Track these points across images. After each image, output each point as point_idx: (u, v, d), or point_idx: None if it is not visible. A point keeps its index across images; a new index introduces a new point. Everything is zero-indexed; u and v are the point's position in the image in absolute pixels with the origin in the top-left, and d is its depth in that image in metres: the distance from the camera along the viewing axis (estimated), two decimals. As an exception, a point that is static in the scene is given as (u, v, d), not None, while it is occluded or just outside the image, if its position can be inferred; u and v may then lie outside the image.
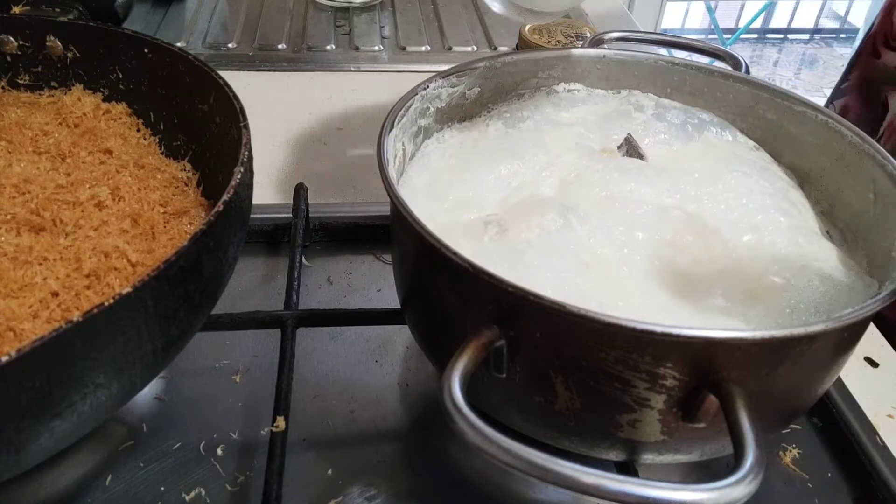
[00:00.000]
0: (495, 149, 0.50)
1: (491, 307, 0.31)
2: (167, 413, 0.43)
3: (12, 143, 0.44)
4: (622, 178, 0.45)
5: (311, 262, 0.55)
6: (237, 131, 0.38)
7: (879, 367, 0.49)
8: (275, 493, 0.36)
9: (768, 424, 0.35)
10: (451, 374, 0.28)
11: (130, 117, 0.49)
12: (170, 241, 0.39)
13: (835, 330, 0.29)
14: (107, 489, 0.39)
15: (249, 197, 0.39)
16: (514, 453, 0.26)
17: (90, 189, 0.40)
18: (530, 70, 0.51)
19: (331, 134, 0.72)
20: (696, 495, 0.24)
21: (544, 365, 0.32)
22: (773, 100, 0.46)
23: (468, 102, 0.49)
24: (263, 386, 0.44)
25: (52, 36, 0.48)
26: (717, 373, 0.29)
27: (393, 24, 0.96)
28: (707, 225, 0.42)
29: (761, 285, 0.39)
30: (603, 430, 0.33)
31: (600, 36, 0.58)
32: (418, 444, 0.43)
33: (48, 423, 0.28)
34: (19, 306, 0.32)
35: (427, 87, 0.45)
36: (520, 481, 0.41)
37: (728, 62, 0.53)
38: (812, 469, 0.42)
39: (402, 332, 0.49)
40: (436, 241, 0.31)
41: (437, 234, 0.32)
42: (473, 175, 0.48)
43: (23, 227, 0.37)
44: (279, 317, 0.45)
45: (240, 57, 0.86)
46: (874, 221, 0.40)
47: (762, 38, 3.34)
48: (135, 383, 0.32)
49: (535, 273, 0.37)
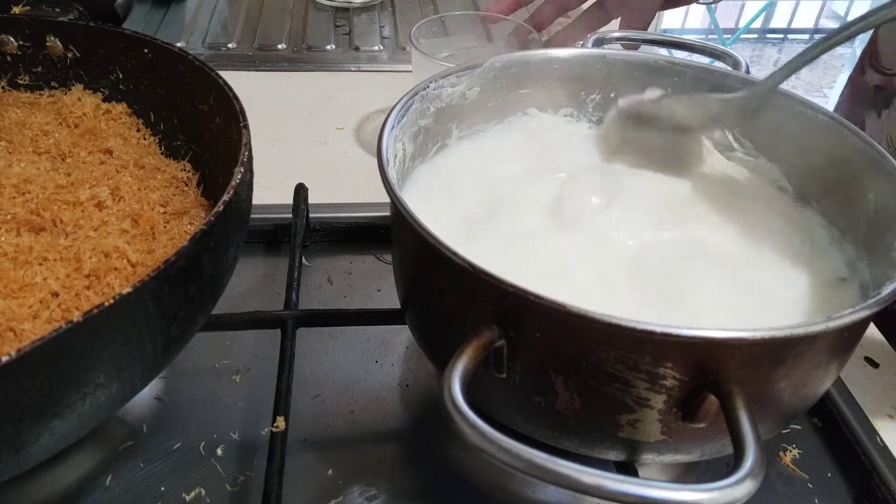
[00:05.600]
0: (497, 150, 0.51)
1: (491, 307, 0.31)
2: (167, 413, 0.43)
3: (12, 143, 0.44)
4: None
5: (311, 262, 0.55)
6: (237, 131, 0.38)
7: (879, 367, 0.49)
8: (275, 493, 0.36)
9: (768, 424, 0.35)
10: (451, 375, 0.28)
11: (130, 117, 0.49)
12: (170, 242, 0.39)
13: (835, 330, 0.29)
14: (107, 489, 0.39)
15: (249, 197, 0.39)
16: (514, 453, 0.26)
17: (90, 189, 0.40)
18: (530, 70, 0.51)
19: (331, 134, 0.72)
20: (696, 495, 0.24)
21: (544, 365, 0.32)
22: (774, 100, 0.46)
23: (468, 102, 0.49)
24: (263, 386, 0.44)
25: (52, 36, 0.48)
26: (717, 373, 0.29)
27: (393, 24, 0.96)
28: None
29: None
30: (603, 430, 0.33)
31: (600, 36, 0.58)
32: (418, 444, 0.43)
33: (48, 423, 0.28)
34: (19, 306, 0.32)
35: (427, 87, 0.45)
36: (520, 481, 0.41)
37: (728, 62, 0.53)
38: (812, 469, 0.42)
39: (402, 332, 0.49)
40: (436, 241, 0.31)
41: (437, 234, 0.32)
42: (474, 176, 0.48)
43: (23, 227, 0.37)
44: (279, 317, 0.45)
45: (240, 57, 0.86)
46: (874, 222, 0.40)
47: (762, 38, 3.34)
48: (135, 383, 0.32)
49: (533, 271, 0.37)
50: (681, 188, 0.48)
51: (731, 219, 0.45)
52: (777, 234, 0.44)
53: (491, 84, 0.49)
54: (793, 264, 0.42)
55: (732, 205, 0.46)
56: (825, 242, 0.43)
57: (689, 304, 0.38)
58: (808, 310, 0.39)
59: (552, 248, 0.42)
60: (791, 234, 0.44)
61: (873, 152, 0.40)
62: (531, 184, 0.47)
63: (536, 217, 0.44)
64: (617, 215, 0.44)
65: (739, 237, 0.44)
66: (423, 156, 0.48)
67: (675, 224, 0.44)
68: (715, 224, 0.45)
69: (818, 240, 0.44)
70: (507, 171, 0.48)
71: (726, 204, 0.46)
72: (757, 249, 0.43)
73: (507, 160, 0.50)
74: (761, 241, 0.43)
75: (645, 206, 0.45)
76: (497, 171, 0.48)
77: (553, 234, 0.43)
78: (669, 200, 0.47)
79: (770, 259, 0.42)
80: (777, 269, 0.41)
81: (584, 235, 0.43)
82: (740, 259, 0.42)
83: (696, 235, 0.43)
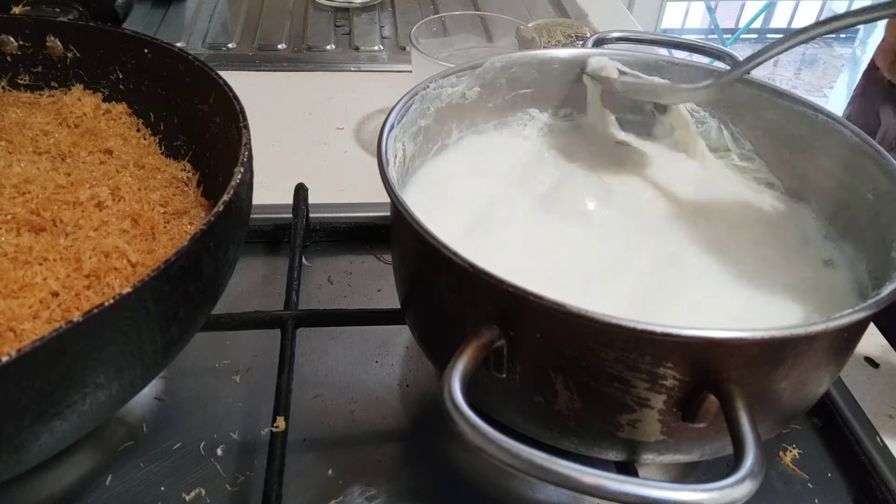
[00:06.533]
0: (497, 150, 0.51)
1: (491, 307, 0.31)
2: (167, 413, 0.43)
3: (12, 143, 0.44)
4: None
5: (311, 262, 0.55)
6: (237, 131, 0.38)
7: (879, 367, 0.49)
8: (275, 493, 0.36)
9: (768, 424, 0.35)
10: (451, 375, 0.28)
11: (130, 117, 0.49)
12: (170, 242, 0.39)
13: (835, 330, 0.29)
14: (107, 489, 0.39)
15: (249, 197, 0.39)
16: (514, 453, 0.26)
17: (90, 189, 0.40)
18: (530, 70, 0.51)
19: (331, 134, 0.72)
20: (696, 495, 0.24)
21: (544, 365, 0.32)
22: (773, 100, 0.46)
23: (468, 102, 0.49)
24: (263, 386, 0.44)
25: (52, 36, 0.48)
26: (717, 373, 0.29)
27: (393, 24, 0.96)
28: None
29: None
30: (603, 430, 0.33)
31: (600, 36, 0.58)
32: (418, 444, 0.43)
33: (48, 423, 0.28)
34: (19, 306, 0.32)
35: (427, 87, 0.45)
36: (520, 481, 0.41)
37: (728, 62, 0.53)
38: (812, 469, 0.42)
39: (402, 332, 0.49)
40: (436, 241, 0.31)
41: (436, 234, 0.32)
42: (474, 176, 0.48)
43: (23, 228, 0.37)
44: (279, 317, 0.45)
45: (240, 57, 0.86)
46: (874, 222, 0.40)
47: (762, 38, 3.34)
48: (135, 383, 0.32)
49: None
50: (674, 189, 0.48)
51: (725, 220, 0.45)
52: (773, 233, 0.44)
53: (491, 84, 0.49)
54: (787, 260, 0.42)
55: (727, 206, 0.46)
56: (819, 238, 0.44)
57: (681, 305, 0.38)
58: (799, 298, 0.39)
59: (552, 248, 0.42)
60: (787, 232, 0.44)
61: (873, 152, 0.40)
62: (531, 184, 0.47)
63: (536, 217, 0.44)
64: (613, 215, 0.44)
65: (734, 237, 0.44)
66: (423, 156, 0.48)
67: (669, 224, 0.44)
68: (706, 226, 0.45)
69: (813, 237, 0.44)
70: (507, 171, 0.48)
71: (721, 206, 0.46)
72: (752, 249, 0.43)
73: (506, 160, 0.50)
74: (756, 240, 0.43)
75: (638, 207, 0.46)
76: (497, 171, 0.48)
77: (553, 234, 0.43)
78: (662, 201, 0.47)
79: (765, 259, 0.42)
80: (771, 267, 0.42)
81: (584, 235, 0.43)
82: (734, 259, 0.42)
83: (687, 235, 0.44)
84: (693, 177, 0.49)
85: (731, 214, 0.46)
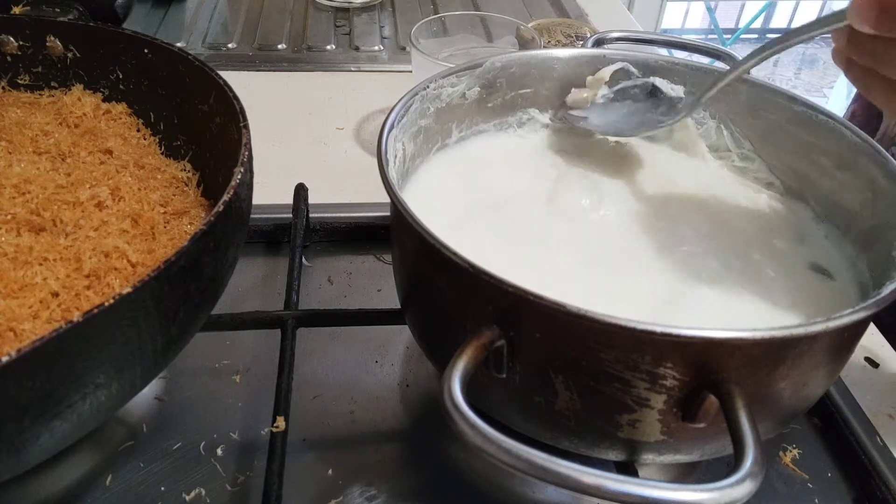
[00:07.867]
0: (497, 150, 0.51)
1: (491, 307, 0.31)
2: (167, 413, 0.43)
3: (12, 143, 0.44)
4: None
5: (311, 262, 0.55)
6: (237, 131, 0.38)
7: (879, 367, 0.49)
8: (275, 493, 0.36)
9: (768, 424, 0.35)
10: (451, 375, 0.28)
11: (130, 117, 0.49)
12: (170, 242, 0.39)
13: (835, 330, 0.29)
14: (107, 489, 0.39)
15: (249, 197, 0.39)
16: (514, 453, 0.26)
17: (90, 189, 0.40)
18: (530, 70, 0.51)
19: (331, 134, 0.72)
20: (696, 495, 0.24)
21: (544, 365, 0.32)
22: (773, 100, 0.46)
23: (468, 102, 0.49)
24: (263, 386, 0.44)
25: (52, 36, 0.48)
26: (717, 373, 0.29)
27: (393, 24, 0.96)
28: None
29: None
30: (603, 430, 0.33)
31: (600, 36, 0.58)
32: (418, 444, 0.43)
33: (48, 423, 0.28)
34: (19, 306, 0.32)
35: (427, 87, 0.45)
36: (520, 481, 0.41)
37: (728, 62, 0.53)
38: (812, 469, 0.42)
39: (402, 332, 0.49)
40: (436, 241, 0.31)
41: (437, 234, 0.32)
42: (474, 176, 0.48)
43: (23, 228, 0.37)
44: (279, 317, 0.45)
45: (240, 57, 0.86)
46: (873, 221, 0.40)
47: (762, 38, 3.34)
48: (135, 383, 0.32)
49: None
50: (674, 190, 0.48)
51: (725, 220, 0.45)
52: (773, 233, 0.44)
53: (491, 84, 0.49)
54: (787, 260, 0.42)
55: (727, 207, 0.46)
56: (820, 237, 0.44)
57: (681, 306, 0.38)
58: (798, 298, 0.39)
59: (552, 248, 0.42)
60: (787, 232, 0.44)
61: (873, 151, 0.40)
62: (531, 184, 0.47)
63: (536, 217, 0.44)
64: (613, 215, 0.44)
65: (734, 237, 0.44)
66: (423, 156, 0.48)
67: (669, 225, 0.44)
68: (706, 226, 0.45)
69: (813, 237, 0.44)
70: (507, 171, 0.49)
71: (721, 206, 0.46)
72: (752, 249, 0.43)
73: (506, 160, 0.50)
74: (756, 240, 0.43)
75: (638, 207, 0.46)
76: (497, 171, 0.48)
77: (553, 234, 0.43)
78: (662, 202, 0.47)
79: (765, 259, 0.42)
80: (771, 267, 0.42)
81: (584, 235, 0.43)
82: (733, 259, 0.42)
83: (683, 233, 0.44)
84: (693, 177, 0.49)
85: (730, 214, 0.46)
